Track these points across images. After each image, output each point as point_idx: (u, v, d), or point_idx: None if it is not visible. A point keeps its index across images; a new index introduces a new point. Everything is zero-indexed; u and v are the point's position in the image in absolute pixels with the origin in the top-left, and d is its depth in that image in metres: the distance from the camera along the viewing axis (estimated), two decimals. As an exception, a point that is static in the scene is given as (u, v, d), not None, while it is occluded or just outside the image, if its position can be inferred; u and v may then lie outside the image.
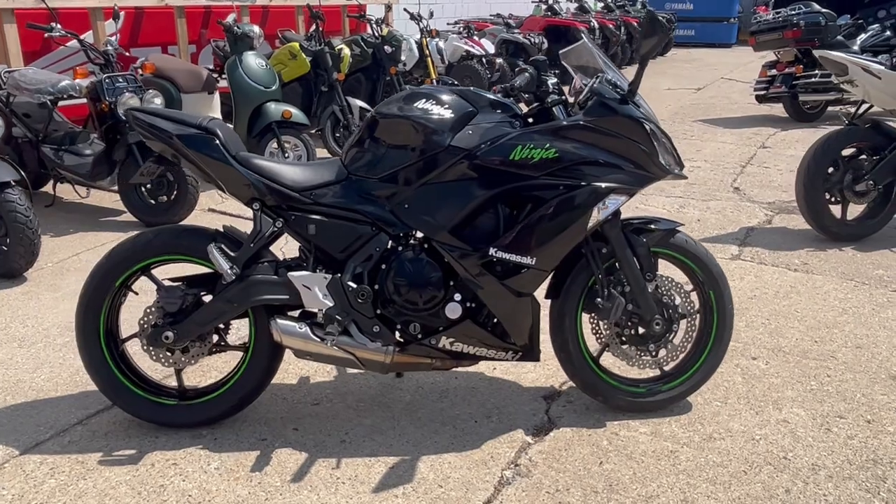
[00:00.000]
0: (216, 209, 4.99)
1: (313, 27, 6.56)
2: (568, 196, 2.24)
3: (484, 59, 9.90)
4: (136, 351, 2.55)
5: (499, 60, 10.26)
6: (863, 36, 8.82)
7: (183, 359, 2.40)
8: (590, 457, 2.34)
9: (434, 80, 7.60)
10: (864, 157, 4.39)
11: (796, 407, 2.64)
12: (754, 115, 8.99)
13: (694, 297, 2.59)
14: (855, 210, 4.50)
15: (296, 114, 5.38)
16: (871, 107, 4.59)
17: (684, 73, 13.53)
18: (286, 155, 5.42)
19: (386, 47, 6.73)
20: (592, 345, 2.56)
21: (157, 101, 4.52)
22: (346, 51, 6.36)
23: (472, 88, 2.43)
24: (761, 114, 9.04)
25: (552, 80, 2.36)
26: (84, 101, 4.75)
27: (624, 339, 2.52)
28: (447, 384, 2.78)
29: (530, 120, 2.41)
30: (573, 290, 2.45)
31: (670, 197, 5.44)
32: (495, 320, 2.36)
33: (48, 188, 4.99)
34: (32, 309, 3.46)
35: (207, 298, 2.39)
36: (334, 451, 2.37)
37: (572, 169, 2.25)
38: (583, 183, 2.25)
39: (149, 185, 4.47)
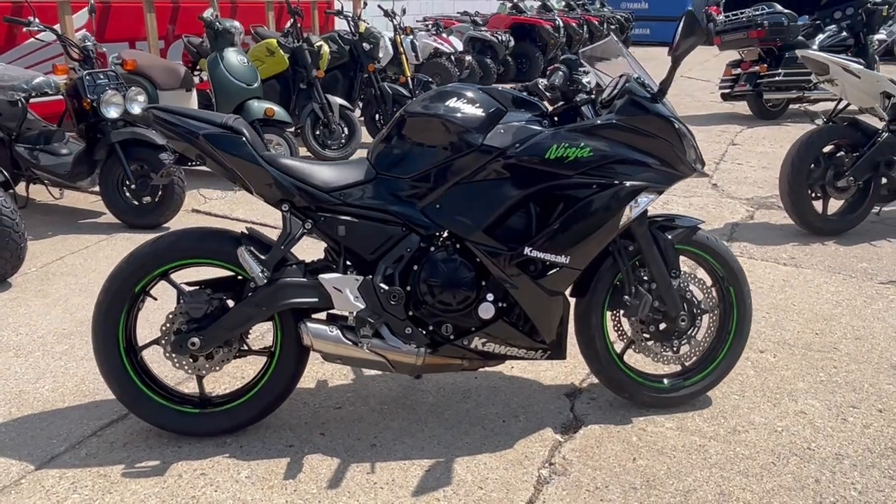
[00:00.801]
0: (200, 210, 4.86)
1: (289, 23, 6.45)
2: (601, 195, 2.25)
3: (453, 57, 9.90)
4: (151, 358, 2.47)
5: (468, 58, 10.28)
6: (821, 36, 9.13)
7: (207, 365, 2.33)
8: (622, 453, 2.36)
9: (409, 78, 7.54)
10: (842, 153, 4.54)
11: (810, 398, 2.71)
12: (719, 113, 9.20)
13: (713, 292, 2.63)
14: (834, 205, 4.64)
15: (278, 112, 5.28)
16: (848, 105, 4.75)
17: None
18: (269, 154, 5.31)
19: (364, 44, 6.66)
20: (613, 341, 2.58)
21: (141, 99, 4.38)
22: (326, 48, 6.26)
23: (498, 87, 2.41)
24: (725, 111, 9.27)
25: (587, 79, 2.36)
26: (56, 98, 4.57)
27: (648, 335, 2.54)
28: (468, 384, 2.77)
29: (555, 118, 2.41)
30: (600, 287, 2.47)
31: (653, 193, 5.51)
32: (526, 319, 2.35)
33: (20, 189, 4.78)
34: (23, 316, 3.31)
35: (229, 302, 2.33)
36: (366, 456, 2.33)
37: (605, 168, 2.26)
38: (615, 182, 2.26)
39: (133, 187, 4.33)
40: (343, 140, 6.18)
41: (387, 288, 2.27)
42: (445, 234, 2.33)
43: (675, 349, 2.55)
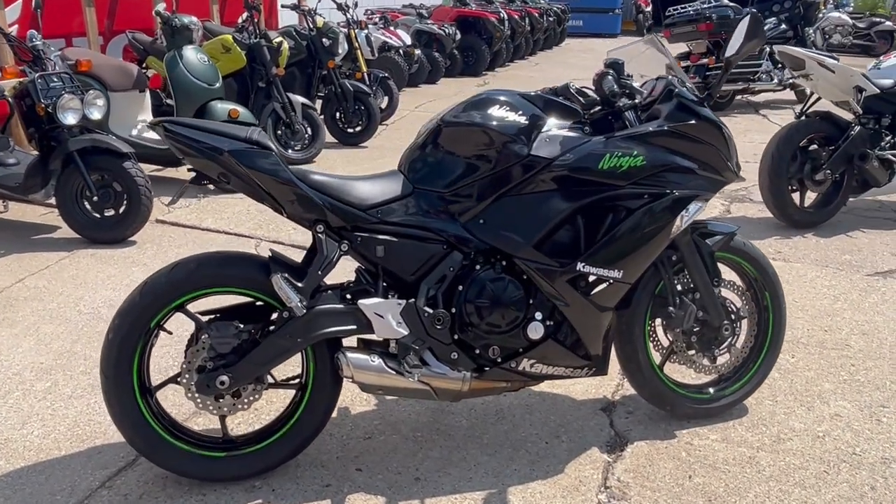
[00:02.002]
0: (165, 220, 4.54)
1: (243, 17, 6.11)
2: (654, 205, 2.15)
3: (402, 51, 9.70)
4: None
5: (417, 52, 10.09)
6: (762, 29, 9.36)
7: (235, 404, 2.11)
8: (676, 471, 2.28)
9: (365, 74, 7.31)
10: (817, 147, 4.62)
11: (840, 399, 2.70)
12: (669, 105, 9.31)
13: (749, 297, 2.58)
14: (809, 197, 4.72)
15: (243, 113, 4.99)
16: (819, 99, 4.83)
17: (585, 64, 13.89)
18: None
19: (324, 40, 6.39)
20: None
21: (100, 103, 4.03)
22: (286, 44, 5.97)
23: (536, 93, 2.28)
24: (675, 103, 9.38)
25: (637, 83, 2.25)
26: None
27: (689, 345, 2.47)
28: (499, 404, 2.63)
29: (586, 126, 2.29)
30: (642, 299, 2.38)
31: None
32: (574, 337, 2.23)
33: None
34: (-10, 350, 2.98)
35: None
36: (413, 492, 2.17)
37: (657, 177, 2.16)
38: (667, 191, 2.16)
39: (95, 199, 3.98)
40: (307, 140, 5.92)
41: (431, 311, 2.11)
42: (482, 249, 2.18)
43: (714, 358, 2.49)
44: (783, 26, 9.34)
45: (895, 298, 3.61)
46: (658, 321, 2.46)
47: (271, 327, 2.10)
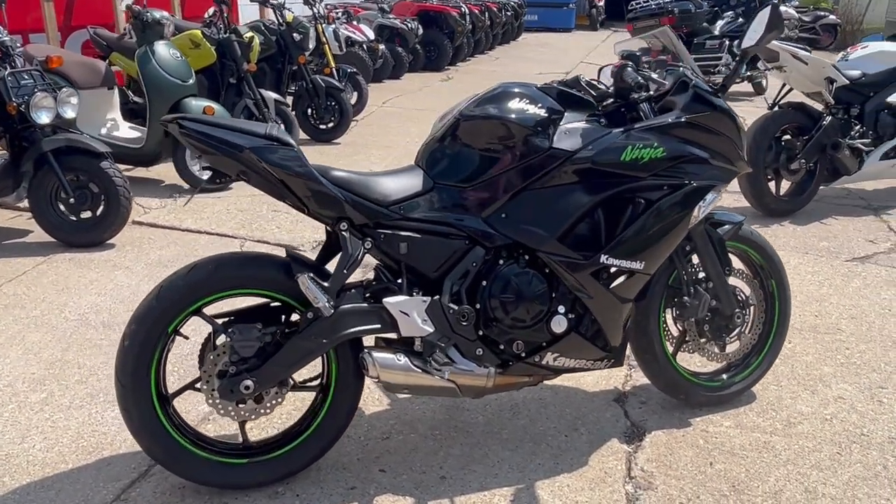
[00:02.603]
0: (143, 221, 4.39)
1: (209, 12, 5.96)
2: (673, 196, 2.16)
3: (365, 46, 9.59)
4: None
5: (381, 47, 10.00)
6: (720, 22, 9.59)
7: (257, 409, 2.05)
8: (697, 459, 2.31)
9: (333, 69, 7.20)
10: (790, 137, 4.73)
11: (840, 382, 2.78)
12: (633, 98, 9.44)
13: (756, 285, 2.62)
14: (783, 186, 4.84)
15: (218, 110, 4.86)
16: (790, 91, 4.95)
17: (545, 58, 13.99)
18: (211, 156, 4.89)
19: (294, 35, 6.27)
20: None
21: (74, 101, 3.86)
22: (257, 39, 5.83)
23: (551, 84, 2.27)
24: (638, 96, 9.52)
25: (655, 74, 2.26)
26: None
27: (700, 334, 2.50)
28: (512, 399, 2.62)
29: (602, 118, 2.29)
30: (657, 290, 2.40)
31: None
32: (596, 329, 2.24)
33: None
34: (-25, 361, 2.83)
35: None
36: (440, 490, 2.14)
37: (675, 168, 2.17)
38: (685, 182, 2.18)
39: (71, 201, 3.83)
40: (280, 138, 5.80)
41: (456, 307, 2.08)
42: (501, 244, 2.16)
43: (725, 346, 2.53)
44: (740, 20, 9.55)
45: (877, 282, 3.73)
46: (670, 311, 2.49)
47: (294, 328, 2.04)
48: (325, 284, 1.97)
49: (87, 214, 3.93)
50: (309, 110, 6.51)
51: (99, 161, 3.83)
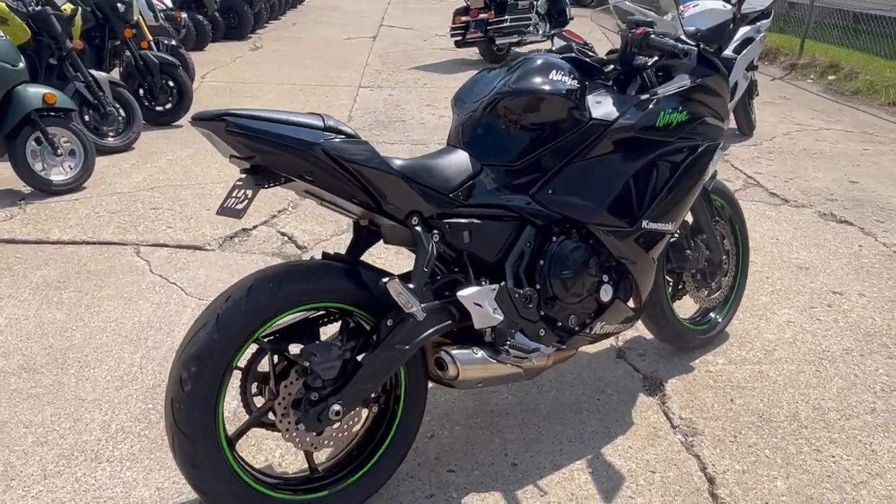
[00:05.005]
0: (-6, 238, 3.63)
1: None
2: (693, 157, 2.27)
3: (165, 15, 8.66)
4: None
5: (183, 15, 9.08)
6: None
7: (335, 434, 1.84)
8: (717, 398, 2.49)
9: (151, 42, 6.43)
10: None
11: (780, 308, 3.14)
12: (454, 60, 9.62)
13: (728, 232, 2.84)
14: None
15: (60, 97, 4.13)
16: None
17: (345, 22, 13.65)
18: (58, 153, 4.17)
19: (119, 5, 5.47)
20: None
21: None
22: (79, 11, 4.99)
23: (567, 55, 2.24)
24: (459, 57, 9.72)
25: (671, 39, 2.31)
26: None
27: (696, 282, 2.68)
28: (528, 372, 2.62)
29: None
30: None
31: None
32: (632, 293, 2.30)
33: None
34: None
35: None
36: (520, 478, 2.10)
37: (692, 130, 2.27)
38: (699, 142, 2.29)
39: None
40: (121, 125, 5.10)
41: (521, 291, 2.02)
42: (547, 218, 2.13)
43: (713, 290, 2.74)
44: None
45: (756, 217, 4.22)
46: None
47: (369, 341, 1.85)
48: (412, 286, 1.80)
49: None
50: (141, 91, 5.78)
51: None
